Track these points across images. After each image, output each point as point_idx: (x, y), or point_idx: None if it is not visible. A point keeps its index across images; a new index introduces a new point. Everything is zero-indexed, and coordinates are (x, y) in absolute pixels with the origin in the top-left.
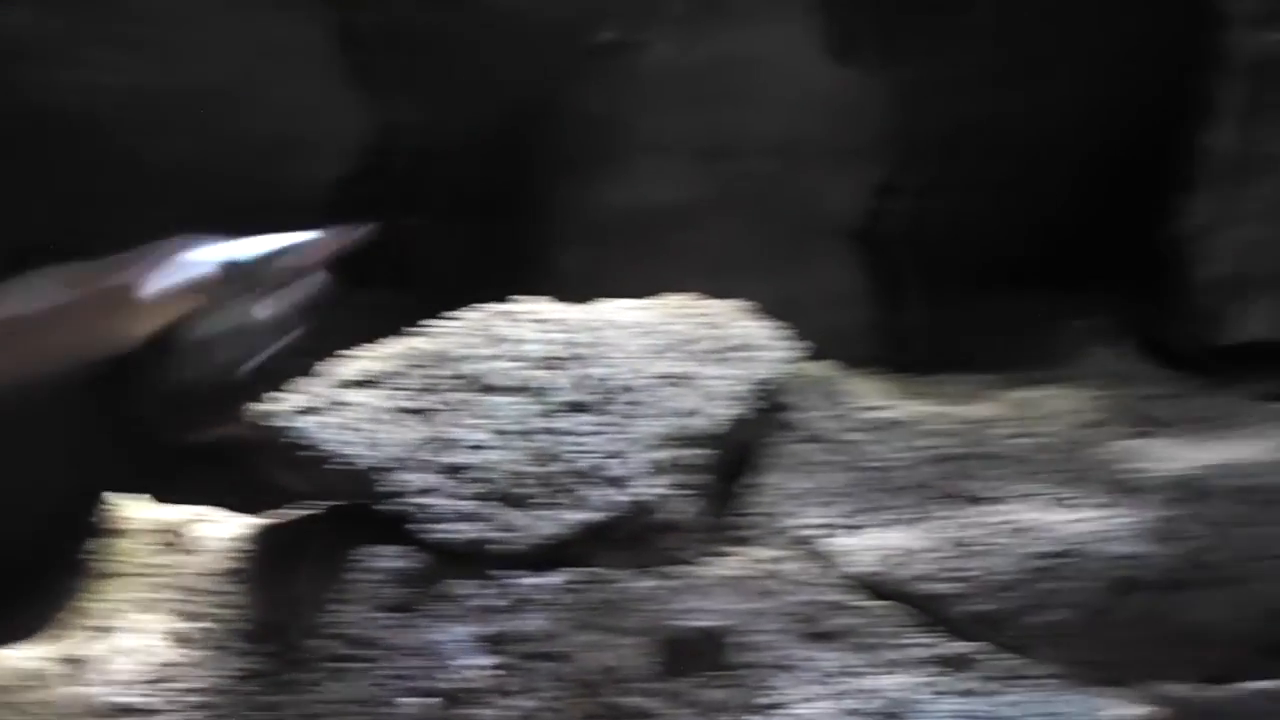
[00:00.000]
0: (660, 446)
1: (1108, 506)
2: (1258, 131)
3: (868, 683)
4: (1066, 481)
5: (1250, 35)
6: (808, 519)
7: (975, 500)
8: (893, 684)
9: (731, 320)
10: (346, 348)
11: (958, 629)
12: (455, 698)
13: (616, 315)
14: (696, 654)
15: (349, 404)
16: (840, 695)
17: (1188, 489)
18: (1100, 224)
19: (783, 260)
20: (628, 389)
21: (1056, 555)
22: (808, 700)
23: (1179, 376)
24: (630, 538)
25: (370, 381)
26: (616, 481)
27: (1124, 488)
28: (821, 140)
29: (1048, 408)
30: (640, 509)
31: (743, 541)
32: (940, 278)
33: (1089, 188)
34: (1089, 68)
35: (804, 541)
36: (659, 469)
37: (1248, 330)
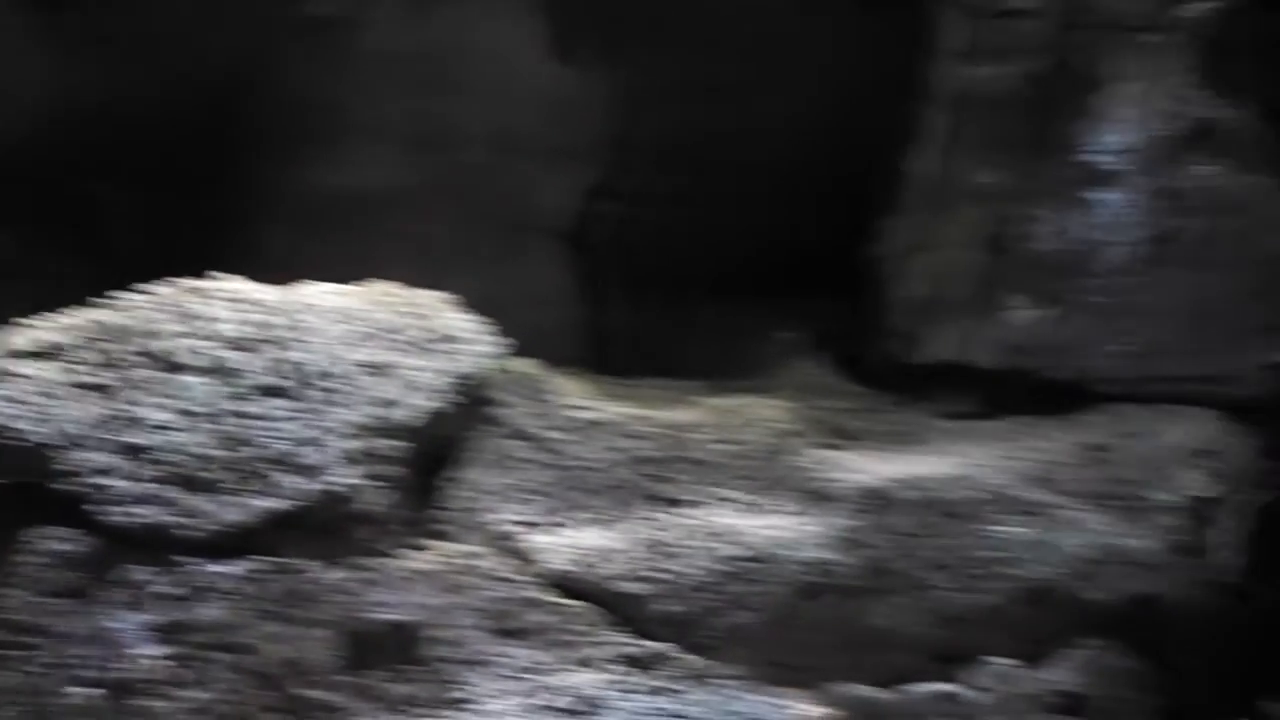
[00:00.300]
0: (356, 436)
1: (799, 514)
2: (956, 161)
3: (557, 680)
4: (761, 488)
5: (954, 68)
6: (505, 515)
7: (672, 503)
8: (582, 681)
9: (436, 312)
10: (21, 315)
11: (649, 629)
12: (125, 689)
13: (317, 299)
14: (385, 648)
15: (20, 376)
16: (530, 692)
17: (874, 500)
18: (807, 241)
19: (491, 255)
20: (325, 375)
21: (747, 559)
22: (498, 696)
23: (872, 392)
24: (321, 528)
25: (46, 353)
26: (308, 470)
27: (815, 496)
28: (537, 137)
29: (747, 416)
30: (332, 499)
31: (438, 536)
32: (648, 283)
33: (799, 204)
34: (807, 88)
35: (501, 538)
36: (354, 459)
37: (937, 351)
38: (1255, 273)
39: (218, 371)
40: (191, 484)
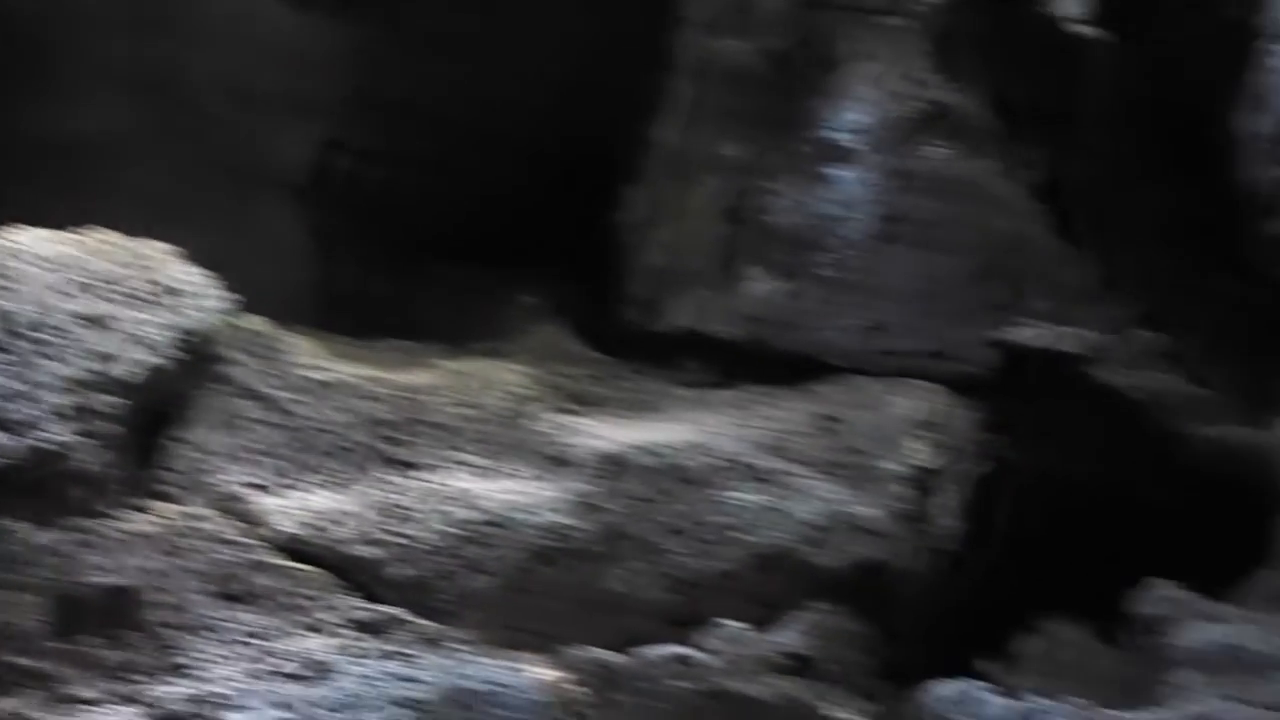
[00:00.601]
0: (70, 390)
1: (536, 478)
2: (698, 132)
3: (284, 645)
4: (499, 452)
5: (698, 39)
6: (233, 477)
7: (408, 466)
8: (311, 646)
9: (159, 264)
10: None
11: (381, 593)
12: None
13: (28, 246)
14: (101, 613)
15: None
16: (256, 657)
17: (611, 465)
18: (552, 206)
19: (220, 207)
20: (36, 326)
21: (483, 523)
22: (221, 662)
23: (612, 359)
24: (31, 487)
25: None
26: (17, 425)
27: (553, 461)
28: (271, 87)
29: (485, 379)
30: (43, 456)
31: (160, 497)
32: (384, 242)
33: (543, 169)
34: (553, 51)
35: (227, 499)
36: (67, 415)
37: (676, 320)
38: (981, 253)
39: None
40: None
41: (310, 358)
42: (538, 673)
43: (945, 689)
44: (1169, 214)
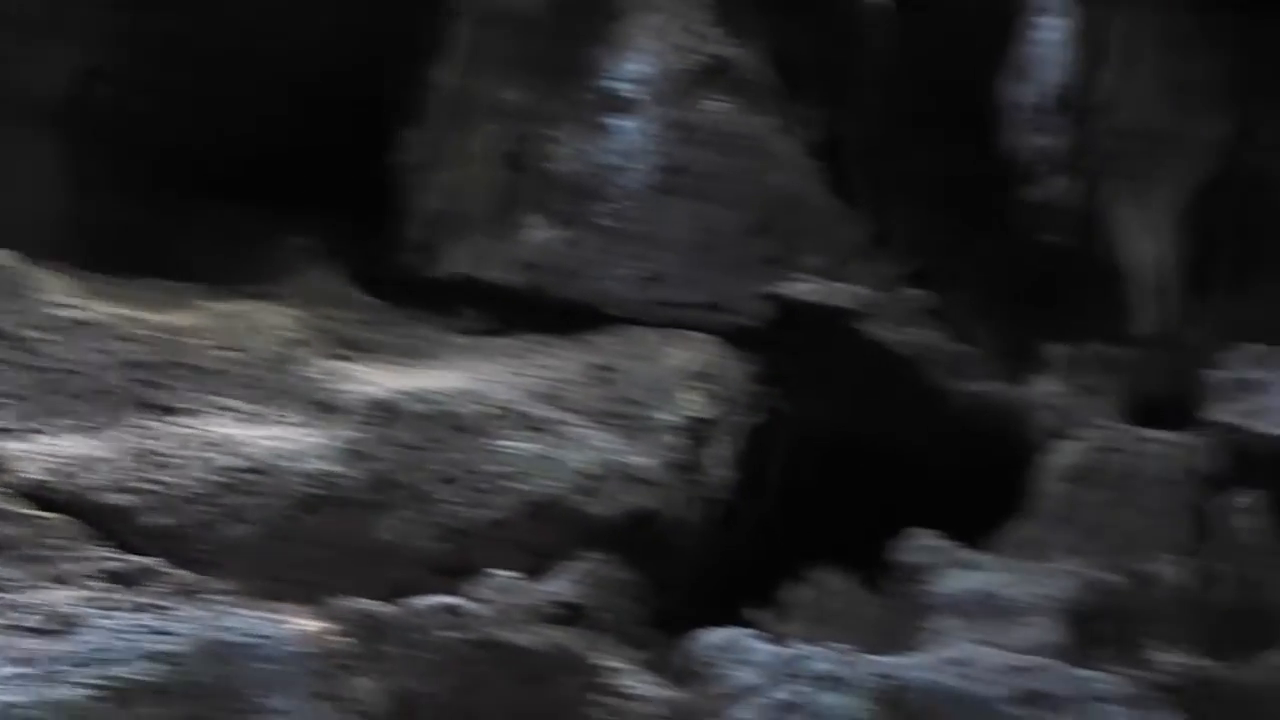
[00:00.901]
0: None
1: (303, 425)
2: (479, 77)
3: (27, 597)
4: (264, 398)
5: None
6: None
7: (166, 411)
8: (57, 599)
9: None
10: None
11: (135, 543)
12: None
13: None
14: None
15: None
16: None
17: (381, 412)
18: (327, 146)
19: None
20: None
21: (246, 470)
22: None
23: (386, 304)
24: None
25: None
26: None
27: (321, 407)
28: (25, 9)
29: (251, 322)
30: None
31: None
32: (148, 177)
33: (320, 108)
34: None
35: None
36: None
37: (453, 266)
38: (758, 208)
39: None
40: None
41: (61, 295)
42: (300, 624)
43: (714, 637)
44: (941, 176)
